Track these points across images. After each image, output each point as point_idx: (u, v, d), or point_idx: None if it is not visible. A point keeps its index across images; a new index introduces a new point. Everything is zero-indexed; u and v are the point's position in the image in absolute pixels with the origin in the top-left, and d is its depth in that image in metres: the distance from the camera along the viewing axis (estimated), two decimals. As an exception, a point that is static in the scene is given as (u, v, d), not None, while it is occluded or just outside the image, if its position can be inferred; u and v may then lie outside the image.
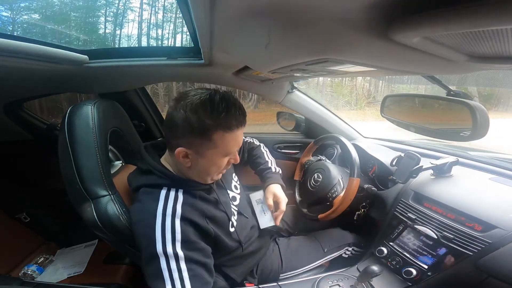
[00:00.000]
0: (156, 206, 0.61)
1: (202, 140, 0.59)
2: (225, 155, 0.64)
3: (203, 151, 0.61)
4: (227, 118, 0.58)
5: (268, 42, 0.43)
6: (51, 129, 1.17)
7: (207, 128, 0.58)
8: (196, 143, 0.60)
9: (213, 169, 0.65)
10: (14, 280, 0.87)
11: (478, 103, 0.59)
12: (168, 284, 0.55)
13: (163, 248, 0.56)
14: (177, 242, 0.57)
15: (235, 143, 0.63)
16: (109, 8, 3.08)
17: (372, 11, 0.27)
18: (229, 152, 0.64)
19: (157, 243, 0.57)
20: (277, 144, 1.43)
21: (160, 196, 0.63)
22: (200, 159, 0.62)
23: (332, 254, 0.95)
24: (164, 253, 0.56)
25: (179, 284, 0.55)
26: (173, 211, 0.60)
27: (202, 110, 0.57)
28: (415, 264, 0.76)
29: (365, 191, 0.96)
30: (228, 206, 0.75)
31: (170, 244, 0.57)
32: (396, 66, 0.47)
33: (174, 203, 0.61)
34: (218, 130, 0.58)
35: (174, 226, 0.58)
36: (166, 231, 0.57)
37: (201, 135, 0.59)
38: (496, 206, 0.70)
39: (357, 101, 7.04)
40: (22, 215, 1.17)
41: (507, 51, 0.30)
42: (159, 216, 0.59)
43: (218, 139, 0.59)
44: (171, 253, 0.56)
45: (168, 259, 0.56)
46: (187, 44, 1.16)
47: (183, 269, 0.56)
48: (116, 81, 0.99)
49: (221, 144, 0.60)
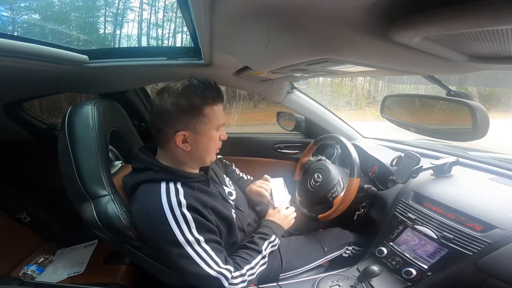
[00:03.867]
0: (161, 201, 0.63)
1: (197, 118, 0.65)
2: (217, 128, 0.69)
3: (199, 127, 0.66)
4: (210, 93, 0.65)
5: (268, 42, 0.43)
6: (51, 129, 1.17)
7: (198, 105, 0.64)
8: (192, 122, 0.65)
9: (211, 144, 0.70)
10: (14, 280, 0.87)
11: (478, 103, 0.59)
12: (204, 265, 0.62)
13: (184, 236, 0.61)
14: (192, 229, 0.63)
15: (222, 115, 0.69)
16: (109, 8, 3.07)
17: (372, 11, 0.27)
18: (219, 123, 0.69)
19: (176, 234, 0.61)
20: (277, 144, 1.43)
21: (161, 190, 0.64)
22: (198, 138, 0.67)
23: (332, 253, 0.95)
24: (186, 240, 0.61)
25: (212, 262, 0.63)
26: (178, 202, 0.63)
27: (188, 92, 0.64)
28: (415, 264, 0.76)
29: (365, 191, 0.96)
30: (227, 199, 0.78)
31: (188, 231, 0.62)
32: (396, 66, 0.47)
33: (176, 195, 0.64)
34: (207, 104, 0.65)
35: (185, 214, 0.62)
36: (180, 221, 0.62)
37: (194, 114, 0.64)
38: (496, 206, 0.70)
39: (357, 101, 7.03)
40: (22, 215, 1.17)
41: (507, 51, 0.30)
42: (167, 209, 0.62)
43: (210, 113, 0.66)
44: (192, 239, 0.62)
45: (192, 245, 0.62)
46: (187, 44, 1.16)
47: (207, 249, 0.64)
48: (116, 81, 0.99)
49: (213, 117, 0.66)
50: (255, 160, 1.45)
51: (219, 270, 0.64)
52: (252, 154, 1.45)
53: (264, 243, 0.77)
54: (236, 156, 1.41)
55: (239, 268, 0.70)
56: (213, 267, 0.63)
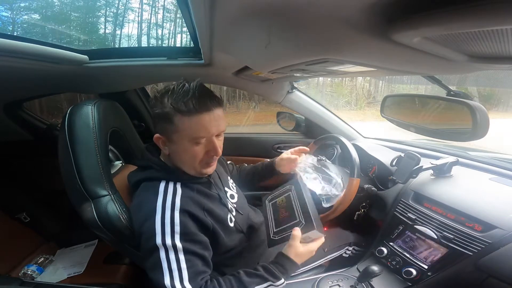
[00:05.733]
0: (156, 199, 0.62)
1: (166, 124, 0.62)
2: (193, 141, 0.63)
3: (170, 135, 0.63)
4: (185, 101, 0.59)
5: (268, 42, 0.43)
6: (51, 129, 1.17)
7: (167, 112, 0.61)
8: (164, 128, 0.63)
9: (187, 157, 0.65)
10: (14, 280, 0.86)
11: (478, 103, 0.59)
12: (166, 274, 0.57)
13: (162, 240, 0.58)
14: (175, 234, 0.59)
15: (200, 128, 0.61)
16: (109, 8, 3.08)
17: (372, 11, 0.27)
18: (195, 137, 0.62)
19: (156, 235, 0.58)
20: (277, 144, 1.43)
21: (159, 189, 0.64)
22: (172, 145, 0.65)
23: (333, 254, 0.95)
24: (163, 244, 0.58)
25: (177, 275, 0.57)
26: (172, 203, 0.62)
27: (165, 97, 0.61)
28: (415, 264, 0.76)
29: (365, 191, 0.96)
30: (227, 202, 0.77)
31: (169, 236, 0.59)
32: (396, 66, 0.47)
33: (173, 196, 0.63)
34: (177, 113, 0.60)
35: (174, 218, 0.60)
36: (166, 224, 0.59)
37: (165, 120, 0.62)
38: (496, 206, 0.70)
39: (357, 101, 7.03)
40: (22, 215, 1.17)
41: (507, 51, 0.30)
42: (159, 209, 0.61)
43: (179, 122, 0.61)
44: (170, 244, 0.58)
45: (167, 250, 0.58)
46: (187, 44, 1.16)
47: (181, 259, 0.58)
48: (116, 81, 0.99)
49: (183, 128, 0.61)
50: (255, 160, 1.44)
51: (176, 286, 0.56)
52: (252, 154, 1.45)
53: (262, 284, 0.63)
54: (236, 156, 1.41)
55: None
56: (174, 280, 0.56)
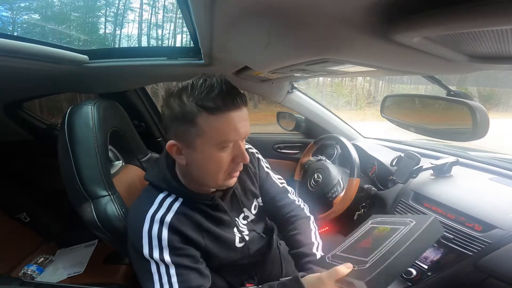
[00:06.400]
0: (148, 209, 0.58)
1: (186, 127, 0.51)
2: (220, 146, 0.53)
3: (192, 140, 0.52)
4: (210, 97, 0.49)
5: (268, 42, 0.43)
6: (51, 129, 1.17)
7: (189, 111, 0.50)
8: (182, 132, 0.52)
9: (212, 166, 0.55)
10: (14, 280, 0.86)
11: (478, 103, 0.59)
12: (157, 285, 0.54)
13: (150, 253, 0.55)
14: (164, 249, 0.56)
15: (229, 128, 0.51)
16: (109, 8, 3.08)
17: (372, 11, 0.27)
18: (223, 140, 0.52)
19: (143, 247, 0.55)
20: (277, 144, 1.43)
21: (156, 199, 0.60)
22: (192, 153, 0.54)
23: None
24: (151, 257, 0.55)
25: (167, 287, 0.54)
26: (161, 219, 0.57)
27: (184, 93, 0.51)
28: (415, 264, 0.76)
29: (365, 191, 0.96)
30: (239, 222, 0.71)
31: (158, 251, 0.55)
32: (396, 66, 0.47)
33: (165, 212, 0.58)
34: (202, 112, 0.50)
35: (161, 234, 0.56)
36: (153, 238, 0.56)
37: (184, 121, 0.51)
38: (496, 206, 0.70)
39: (357, 101, 7.04)
40: (22, 215, 1.17)
41: (507, 51, 0.30)
42: (147, 221, 0.57)
43: (204, 124, 0.50)
44: (158, 259, 0.55)
45: (157, 264, 0.55)
46: (187, 44, 1.16)
47: (172, 274, 0.55)
48: (116, 81, 0.99)
49: (208, 130, 0.50)
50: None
51: None
52: (252, 154, 1.45)
53: None
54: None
55: None
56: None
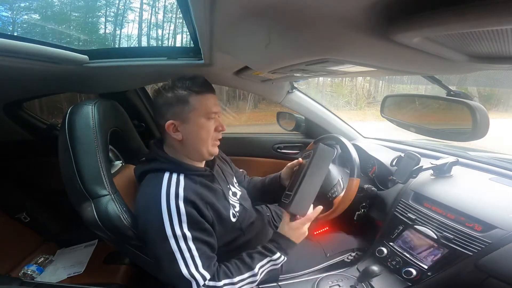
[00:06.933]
0: (160, 189, 0.64)
1: (182, 106, 0.68)
2: (207, 116, 0.70)
3: (186, 115, 0.68)
4: (195, 84, 0.69)
5: (268, 42, 0.43)
6: (51, 129, 1.17)
7: (182, 95, 0.68)
8: (178, 111, 0.68)
9: (203, 133, 0.70)
10: (14, 280, 0.86)
11: (478, 103, 0.59)
12: (182, 263, 0.60)
13: (172, 229, 0.60)
14: (183, 223, 0.62)
15: (211, 104, 0.70)
16: (109, 8, 3.07)
17: (372, 11, 0.27)
18: (209, 111, 0.70)
19: (165, 225, 0.60)
20: (277, 144, 1.43)
21: (163, 179, 0.66)
22: (187, 126, 0.69)
23: (335, 259, 0.93)
24: (173, 234, 0.60)
25: (191, 262, 0.61)
26: (176, 193, 0.64)
27: (174, 85, 0.69)
28: (415, 264, 0.76)
29: (365, 191, 0.96)
30: (230, 197, 0.78)
31: (178, 225, 0.61)
32: (396, 66, 0.47)
33: (176, 187, 0.65)
34: (192, 94, 0.68)
35: (179, 207, 0.62)
36: (172, 213, 0.61)
37: (179, 103, 0.68)
38: (496, 206, 0.70)
39: (357, 101, 7.03)
40: (22, 215, 1.17)
41: (507, 51, 0.30)
42: (164, 198, 0.62)
43: (195, 101, 0.68)
44: (180, 234, 0.61)
45: (177, 240, 0.61)
46: (187, 44, 1.16)
47: (192, 248, 0.62)
48: (116, 81, 0.99)
49: (199, 105, 0.68)
50: (255, 160, 1.45)
51: (194, 273, 0.61)
52: (252, 154, 1.45)
53: (262, 260, 0.69)
54: (236, 156, 1.41)
55: (216, 279, 0.64)
56: (190, 268, 0.61)
